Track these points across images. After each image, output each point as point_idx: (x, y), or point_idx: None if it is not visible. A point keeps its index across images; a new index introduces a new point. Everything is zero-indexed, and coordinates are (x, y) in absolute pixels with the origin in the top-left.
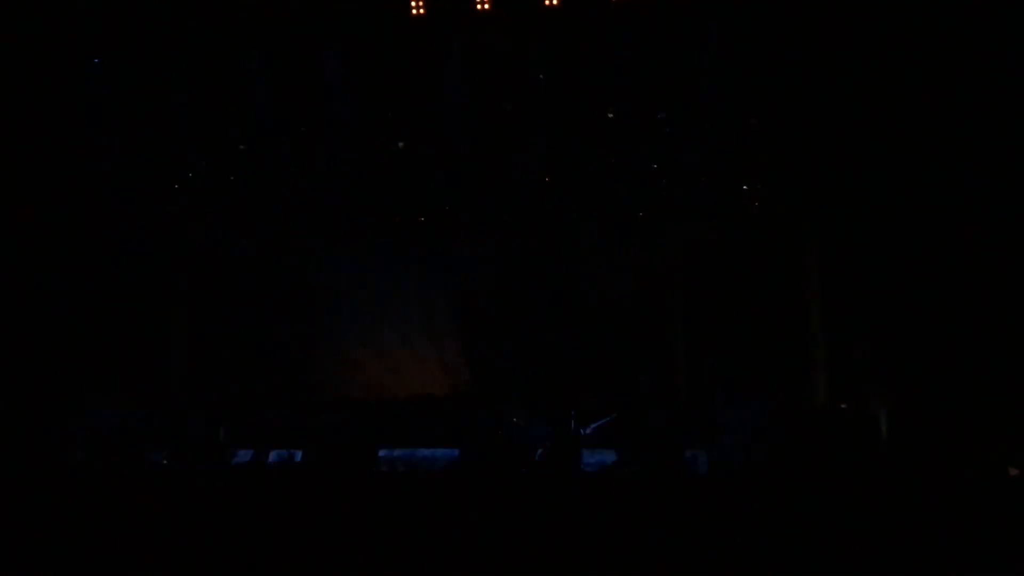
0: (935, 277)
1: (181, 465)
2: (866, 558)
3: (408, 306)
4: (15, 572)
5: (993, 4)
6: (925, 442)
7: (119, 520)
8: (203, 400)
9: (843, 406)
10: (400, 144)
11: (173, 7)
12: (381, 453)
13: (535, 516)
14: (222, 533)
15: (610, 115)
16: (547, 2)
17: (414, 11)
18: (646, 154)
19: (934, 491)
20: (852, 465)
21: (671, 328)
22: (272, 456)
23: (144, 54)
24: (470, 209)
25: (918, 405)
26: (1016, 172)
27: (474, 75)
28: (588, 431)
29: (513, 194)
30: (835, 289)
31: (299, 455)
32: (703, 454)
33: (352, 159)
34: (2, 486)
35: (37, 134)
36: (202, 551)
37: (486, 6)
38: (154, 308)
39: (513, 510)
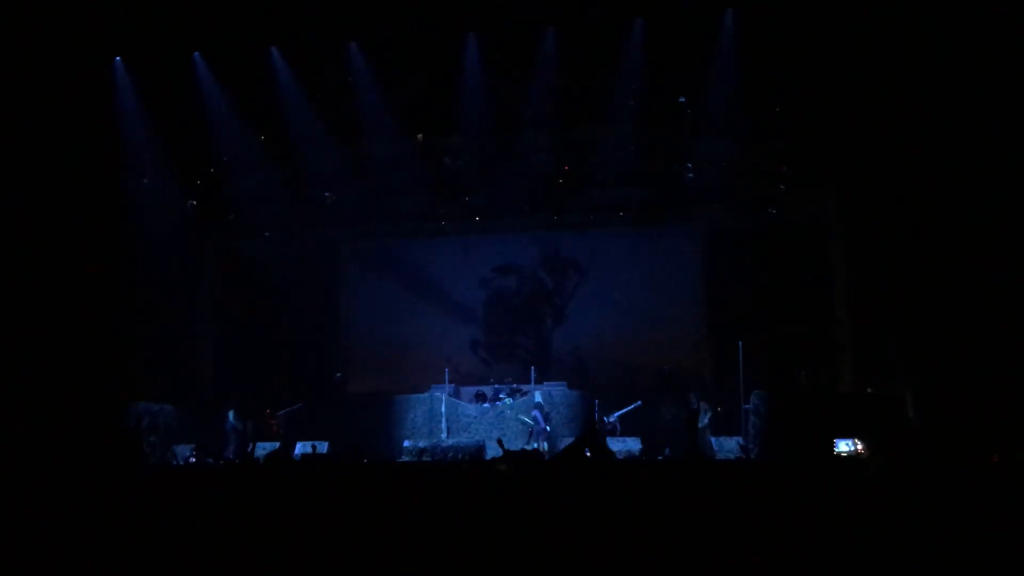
0: (958, 264)
1: (209, 458)
2: (890, 536)
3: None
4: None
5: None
6: (949, 424)
7: (148, 511)
8: (230, 395)
9: (869, 390)
10: (420, 136)
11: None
12: (405, 443)
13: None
14: (247, 523)
15: (631, 103)
16: None
17: None
18: (670, 140)
19: (958, 471)
20: (879, 447)
21: (698, 316)
22: (297, 448)
23: (169, 54)
24: (498, 201)
25: (942, 389)
26: None
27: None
28: (612, 419)
29: (532, 186)
30: (861, 276)
31: (324, 447)
32: (731, 440)
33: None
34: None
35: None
36: (228, 541)
37: None
38: (183, 305)
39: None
